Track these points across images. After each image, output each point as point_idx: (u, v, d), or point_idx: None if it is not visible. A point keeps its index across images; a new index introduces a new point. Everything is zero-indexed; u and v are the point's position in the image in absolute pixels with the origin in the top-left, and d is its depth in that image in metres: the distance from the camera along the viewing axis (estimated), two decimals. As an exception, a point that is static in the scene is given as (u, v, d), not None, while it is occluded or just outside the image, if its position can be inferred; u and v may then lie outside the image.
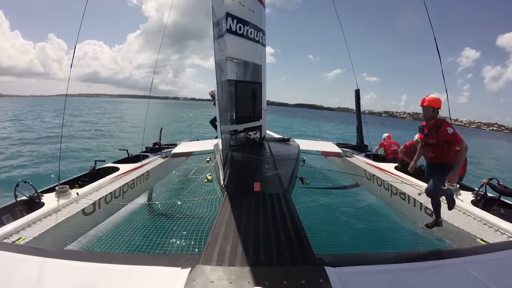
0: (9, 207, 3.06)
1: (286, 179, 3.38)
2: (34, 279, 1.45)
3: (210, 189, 3.76)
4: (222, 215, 2.36)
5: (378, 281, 1.52)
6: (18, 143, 12.67)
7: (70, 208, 3.25)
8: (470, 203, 3.51)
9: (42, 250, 2.02)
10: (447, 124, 2.78)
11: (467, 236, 3.03)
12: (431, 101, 2.88)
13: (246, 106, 5.23)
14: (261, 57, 5.48)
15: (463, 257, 1.71)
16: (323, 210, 4.89)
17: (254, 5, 5.02)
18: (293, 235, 2.01)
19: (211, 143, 6.64)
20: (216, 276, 1.48)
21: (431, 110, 2.87)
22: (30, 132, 16.25)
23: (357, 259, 1.83)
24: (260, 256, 1.72)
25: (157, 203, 4.16)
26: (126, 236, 3.22)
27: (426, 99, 2.91)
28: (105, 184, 4.04)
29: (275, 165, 4.07)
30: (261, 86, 5.56)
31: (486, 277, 1.48)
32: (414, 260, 1.72)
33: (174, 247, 2.88)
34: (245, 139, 5.41)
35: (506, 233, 2.82)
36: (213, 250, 1.76)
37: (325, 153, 6.98)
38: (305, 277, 1.45)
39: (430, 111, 2.88)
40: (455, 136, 2.75)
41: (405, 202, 4.24)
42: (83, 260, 1.64)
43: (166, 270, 1.53)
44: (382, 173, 5.22)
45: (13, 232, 2.58)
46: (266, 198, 2.74)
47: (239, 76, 4.95)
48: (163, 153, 6.20)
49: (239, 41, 4.80)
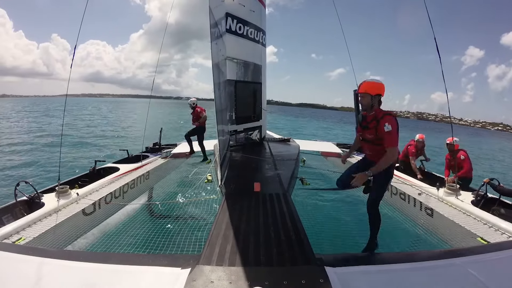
0: (9, 207, 3.06)
1: (286, 180, 3.38)
2: (34, 280, 1.45)
3: (210, 190, 3.76)
4: (222, 215, 2.36)
5: (378, 281, 1.52)
6: (18, 144, 12.69)
7: (70, 208, 3.25)
8: (470, 203, 3.51)
9: (42, 250, 2.02)
10: (388, 119, 2.27)
11: (467, 236, 3.03)
12: (367, 87, 2.40)
13: (246, 106, 5.23)
14: (261, 57, 5.48)
15: (463, 257, 1.71)
16: (323, 210, 4.90)
17: (254, 5, 5.02)
18: (293, 235, 2.01)
19: (211, 143, 6.65)
20: (216, 276, 1.48)
21: (368, 97, 2.39)
22: (30, 132, 16.26)
23: (357, 259, 1.83)
24: (260, 256, 1.72)
25: (157, 203, 4.17)
26: (126, 236, 3.23)
27: (362, 84, 2.44)
28: (105, 184, 4.05)
29: (275, 165, 4.08)
30: (261, 86, 5.56)
31: (486, 277, 1.48)
32: (414, 260, 1.72)
33: (174, 247, 2.88)
34: (245, 139, 5.41)
35: (506, 233, 2.82)
36: (213, 250, 1.76)
37: (325, 154, 6.99)
38: (305, 277, 1.45)
39: (368, 99, 2.39)
40: (390, 137, 2.25)
41: (405, 202, 4.25)
42: (83, 260, 1.64)
43: (166, 270, 1.53)
44: None
45: (13, 232, 2.58)
46: (266, 198, 2.74)
47: (239, 76, 4.95)
48: (163, 153, 6.21)
49: (239, 41, 4.80)
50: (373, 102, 2.41)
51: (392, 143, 2.26)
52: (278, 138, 6.97)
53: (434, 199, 3.83)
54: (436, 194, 3.84)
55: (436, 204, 3.71)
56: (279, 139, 6.84)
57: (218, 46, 3.85)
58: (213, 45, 3.39)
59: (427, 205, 3.75)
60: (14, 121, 23.57)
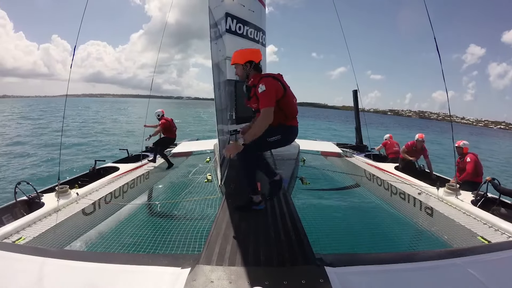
0: (9, 207, 3.06)
1: (286, 179, 3.38)
2: (34, 279, 1.45)
3: (210, 189, 3.76)
4: (222, 215, 2.36)
5: (378, 281, 1.52)
6: (17, 144, 12.68)
7: (70, 208, 3.25)
8: (470, 203, 3.51)
9: (42, 250, 2.02)
10: (264, 81, 2.09)
11: (467, 235, 3.03)
12: (235, 57, 2.32)
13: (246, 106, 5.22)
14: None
15: (463, 257, 1.70)
16: (323, 210, 4.89)
17: (254, 5, 5.02)
18: (293, 235, 2.01)
19: (211, 142, 6.65)
20: (216, 276, 1.48)
21: (240, 67, 2.31)
22: (30, 132, 16.24)
23: (357, 259, 1.83)
24: (260, 256, 1.72)
25: (157, 203, 4.17)
26: (126, 236, 3.23)
27: (232, 56, 2.37)
28: (105, 184, 4.05)
29: (275, 165, 4.08)
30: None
31: (486, 277, 1.48)
32: (414, 260, 1.71)
33: (174, 247, 2.87)
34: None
35: (506, 233, 2.82)
36: (213, 250, 1.76)
37: (325, 153, 6.99)
38: (305, 277, 1.45)
39: (240, 69, 2.32)
40: (263, 97, 2.04)
41: (405, 202, 4.25)
42: (83, 260, 1.64)
43: (166, 270, 1.53)
44: (382, 173, 5.22)
45: (13, 232, 2.58)
46: (266, 198, 2.74)
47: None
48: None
49: (239, 41, 4.79)
50: (247, 71, 2.31)
51: (266, 103, 2.04)
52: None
53: (434, 199, 3.83)
54: (436, 193, 3.84)
55: (436, 203, 3.71)
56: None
57: (218, 46, 3.85)
58: (213, 45, 3.40)
59: (427, 204, 3.75)
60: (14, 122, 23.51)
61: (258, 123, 2.05)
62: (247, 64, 2.30)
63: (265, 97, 2.05)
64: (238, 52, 2.35)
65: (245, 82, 2.41)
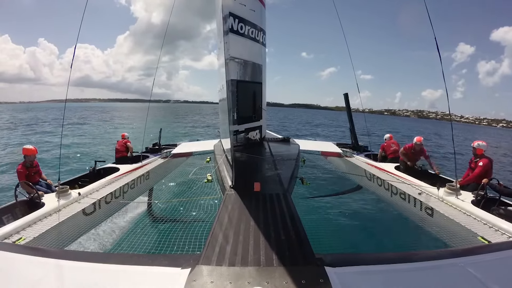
0: (9, 207, 3.06)
1: (286, 179, 3.38)
2: (34, 279, 1.45)
3: (210, 190, 3.76)
4: (222, 215, 2.36)
5: (378, 281, 1.52)
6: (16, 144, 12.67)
7: (70, 208, 3.25)
8: (470, 203, 3.51)
9: (43, 250, 2.02)
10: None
11: (467, 236, 3.03)
12: None
13: (247, 106, 5.22)
14: (261, 57, 5.48)
15: (463, 257, 1.70)
16: (323, 210, 4.90)
17: (254, 5, 5.02)
18: (293, 235, 2.01)
19: (211, 143, 6.65)
20: (216, 276, 1.48)
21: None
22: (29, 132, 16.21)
23: (357, 259, 1.83)
24: (260, 256, 1.72)
25: (157, 203, 4.17)
26: (126, 236, 3.23)
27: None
28: (105, 185, 4.05)
29: (275, 165, 4.07)
30: (261, 86, 5.56)
31: (486, 277, 1.48)
32: (414, 260, 1.71)
33: (174, 247, 2.88)
34: (245, 139, 5.41)
35: (506, 233, 2.81)
36: (213, 250, 1.76)
37: (325, 153, 6.98)
38: (305, 277, 1.45)
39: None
40: None
41: (405, 202, 4.24)
42: (83, 260, 1.64)
43: (166, 271, 1.53)
44: (382, 173, 5.22)
45: (13, 232, 2.58)
46: (266, 198, 2.74)
47: (240, 76, 4.94)
48: (163, 154, 6.20)
49: (240, 40, 4.79)
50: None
51: None
52: (278, 138, 6.98)
53: (434, 199, 3.82)
54: (436, 194, 3.84)
55: (436, 204, 3.70)
56: (279, 139, 6.85)
57: (227, 45, 3.84)
58: (224, 45, 3.40)
59: (428, 205, 3.75)
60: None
61: None
62: None
63: None
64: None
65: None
